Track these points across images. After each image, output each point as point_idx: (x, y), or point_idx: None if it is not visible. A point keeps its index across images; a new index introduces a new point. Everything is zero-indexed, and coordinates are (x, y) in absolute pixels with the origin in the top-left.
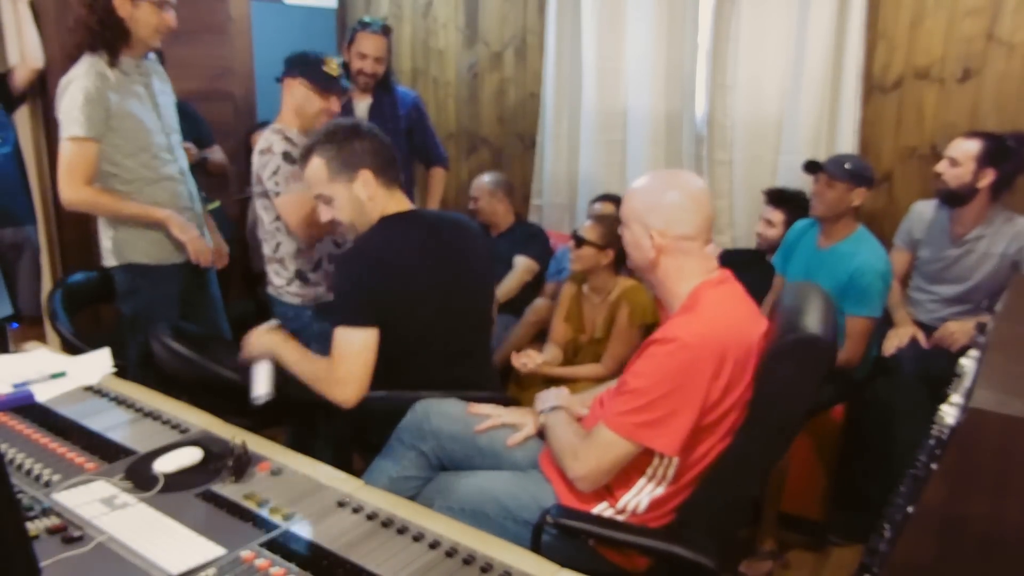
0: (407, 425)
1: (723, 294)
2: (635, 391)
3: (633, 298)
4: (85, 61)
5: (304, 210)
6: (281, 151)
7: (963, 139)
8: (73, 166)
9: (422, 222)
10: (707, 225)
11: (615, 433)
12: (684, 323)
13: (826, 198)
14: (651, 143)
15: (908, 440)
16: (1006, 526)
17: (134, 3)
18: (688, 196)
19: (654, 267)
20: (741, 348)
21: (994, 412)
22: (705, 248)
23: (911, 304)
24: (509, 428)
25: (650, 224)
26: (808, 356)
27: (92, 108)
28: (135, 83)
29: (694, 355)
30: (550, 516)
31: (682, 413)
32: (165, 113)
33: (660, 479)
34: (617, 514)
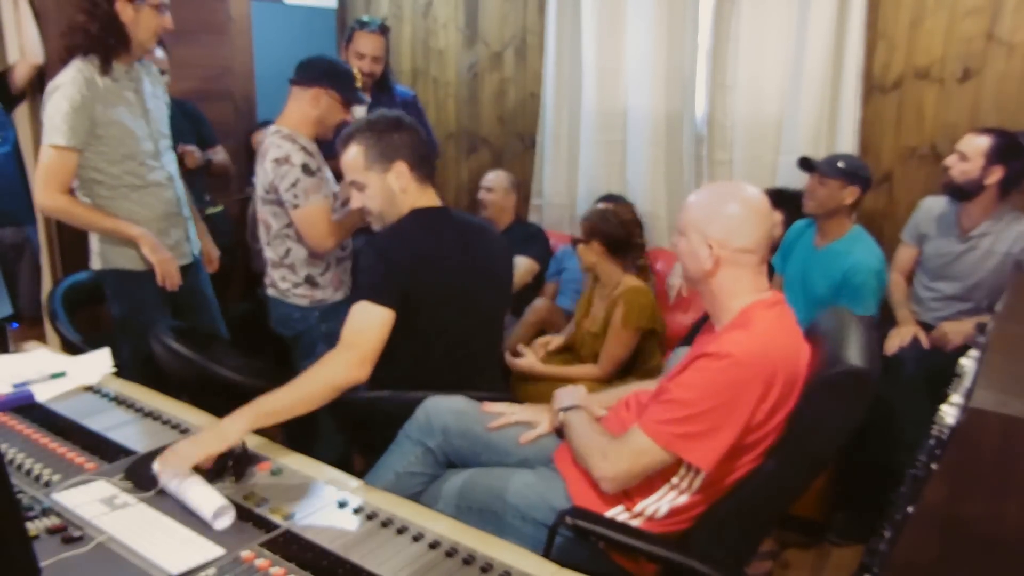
0: (415, 422)
1: (775, 315)
2: (679, 401)
3: (631, 299)
4: (73, 67)
5: (324, 222)
6: (300, 163)
7: (974, 134)
8: (51, 174)
9: (452, 220)
10: (768, 239)
11: (652, 440)
12: (737, 340)
13: (817, 195)
14: (651, 143)
15: (908, 440)
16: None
17: (136, 8)
18: (750, 209)
19: (709, 279)
20: (790, 371)
21: (994, 412)
22: (762, 265)
23: (914, 302)
24: (519, 426)
25: (709, 234)
26: (853, 390)
27: (76, 117)
28: (125, 89)
29: (745, 374)
30: (569, 518)
31: (724, 430)
32: (155, 118)
33: (684, 489)
34: (632, 518)
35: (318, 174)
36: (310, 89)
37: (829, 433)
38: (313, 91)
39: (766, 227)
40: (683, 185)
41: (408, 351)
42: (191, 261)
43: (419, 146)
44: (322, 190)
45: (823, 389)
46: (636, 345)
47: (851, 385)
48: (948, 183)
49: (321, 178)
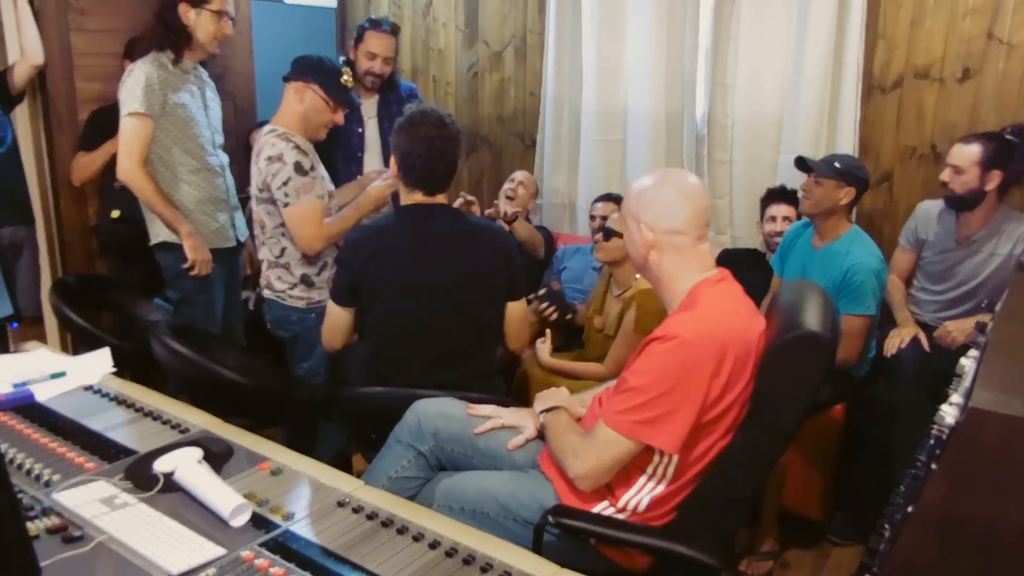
0: (405, 426)
1: (722, 292)
2: (635, 389)
3: (644, 303)
4: (151, 55)
5: (314, 223)
6: (293, 161)
7: (961, 144)
8: (131, 143)
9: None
10: (698, 220)
11: (615, 431)
12: (684, 320)
13: (814, 195)
14: (651, 143)
15: (908, 440)
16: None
17: (197, 11)
18: (677, 191)
19: (647, 263)
20: (741, 345)
21: (994, 412)
22: (699, 245)
23: (913, 303)
24: (509, 429)
25: (641, 218)
26: (809, 353)
27: (151, 90)
28: (191, 82)
29: (694, 352)
30: (551, 516)
31: (682, 410)
32: (212, 115)
33: (660, 477)
34: (618, 513)
35: (311, 173)
36: (295, 84)
37: (790, 399)
38: (297, 85)
39: (694, 207)
40: None
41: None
42: (234, 245)
43: (417, 165)
44: (315, 190)
45: (778, 355)
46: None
47: (805, 348)
48: (951, 196)
49: (314, 178)
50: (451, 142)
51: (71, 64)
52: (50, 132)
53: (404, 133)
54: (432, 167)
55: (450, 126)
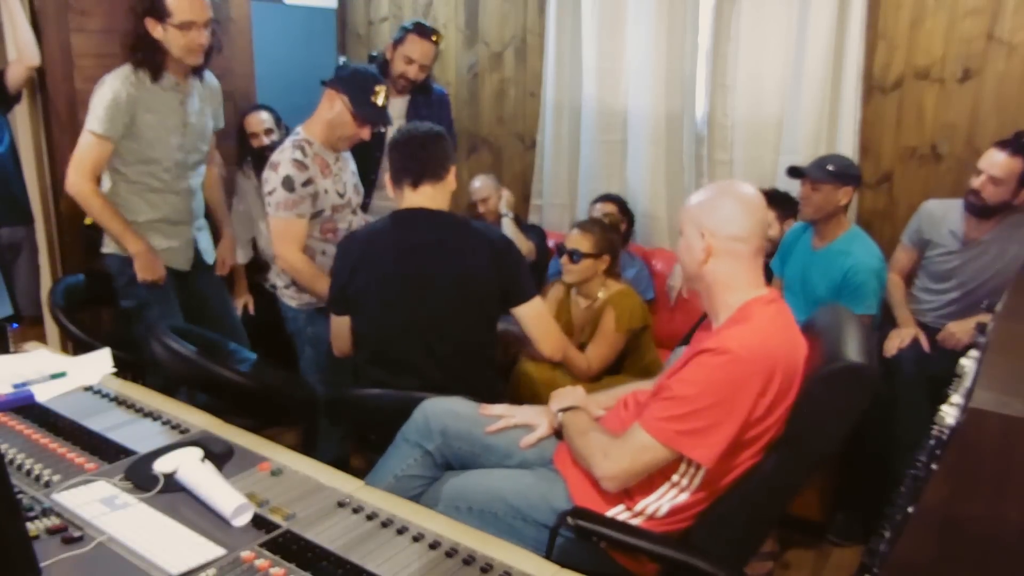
0: (413, 424)
1: (774, 312)
2: (679, 398)
3: (620, 303)
4: (127, 67)
5: (286, 239)
6: (284, 175)
7: (1005, 156)
8: (83, 159)
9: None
10: (759, 231)
11: (653, 437)
12: (736, 335)
13: (813, 201)
14: (651, 143)
15: (908, 440)
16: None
17: (163, 27)
18: (740, 200)
19: (703, 270)
20: (789, 367)
21: (994, 412)
22: (756, 258)
23: (914, 303)
24: (520, 428)
25: (702, 224)
26: (853, 386)
27: (117, 110)
28: (170, 99)
29: (745, 369)
30: (570, 518)
31: (725, 425)
32: (192, 132)
33: (685, 487)
34: (633, 517)
35: (299, 191)
36: (328, 91)
37: (828, 429)
38: (330, 92)
39: (757, 217)
40: (683, 185)
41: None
42: (188, 270)
43: (395, 160)
44: (297, 208)
45: (822, 385)
46: (627, 344)
47: (850, 380)
48: (980, 205)
49: (302, 197)
50: (433, 137)
51: (71, 64)
52: (50, 132)
53: (391, 143)
54: (412, 151)
55: (434, 128)
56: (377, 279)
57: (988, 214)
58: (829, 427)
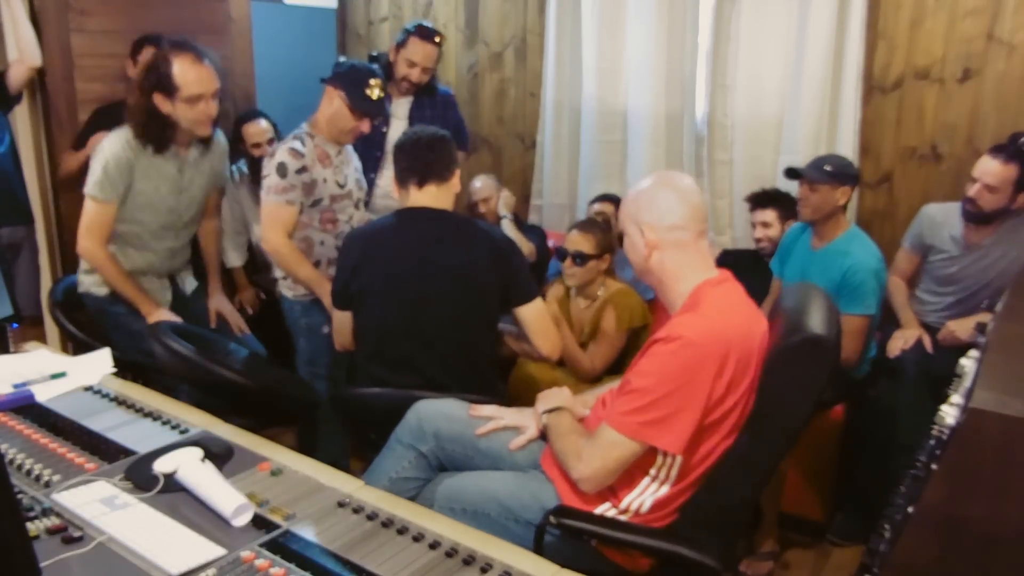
0: (406, 426)
1: (724, 293)
2: (639, 390)
3: (620, 301)
4: (128, 132)
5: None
6: (279, 161)
7: (999, 163)
8: (90, 225)
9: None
10: (697, 216)
11: (619, 433)
12: (687, 321)
13: (811, 202)
14: (651, 143)
15: (908, 440)
16: (1006, 526)
17: (172, 103)
18: (674, 190)
19: (650, 264)
20: (744, 346)
21: (994, 412)
22: (700, 241)
23: (918, 304)
24: (510, 429)
25: (641, 220)
26: (814, 356)
27: (117, 175)
28: (169, 168)
29: (698, 353)
30: (553, 516)
31: (686, 411)
32: (187, 197)
33: (664, 479)
34: (620, 514)
35: (291, 178)
36: (328, 87)
37: (794, 401)
38: (328, 88)
39: (693, 204)
40: None
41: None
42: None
43: (400, 160)
44: (287, 194)
45: (783, 358)
46: (627, 343)
47: (809, 351)
48: (977, 213)
49: (292, 184)
50: (440, 139)
51: (71, 64)
52: (50, 132)
53: (396, 145)
54: (418, 152)
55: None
56: (380, 276)
57: (986, 220)
58: (794, 400)
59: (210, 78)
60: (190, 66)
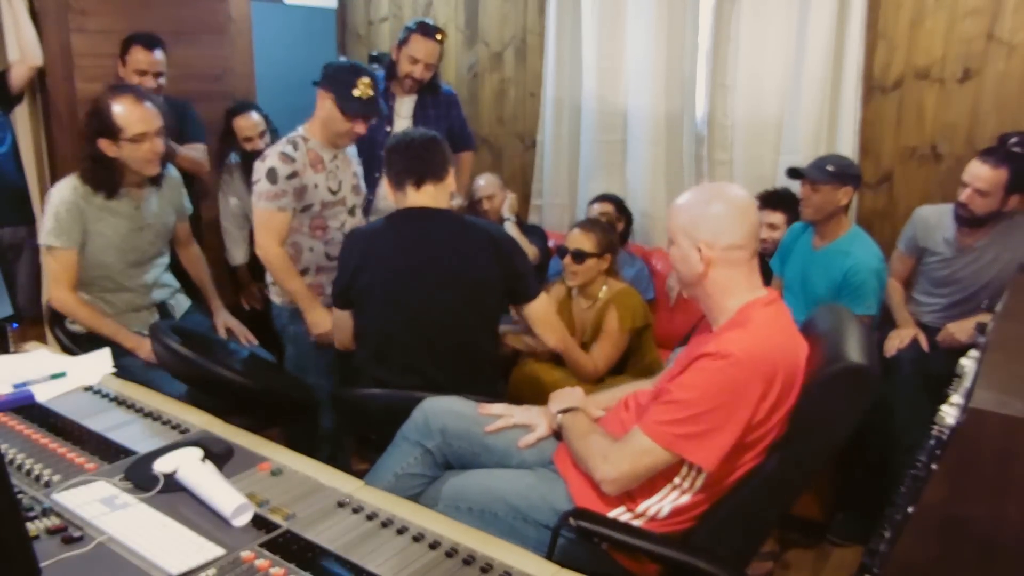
0: (412, 423)
1: (773, 314)
2: (680, 402)
3: (623, 302)
4: (75, 179)
5: (264, 230)
6: (269, 167)
7: (989, 168)
8: (55, 274)
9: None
10: (754, 233)
11: (653, 441)
12: (736, 339)
13: (813, 202)
14: (651, 143)
15: (908, 440)
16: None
17: (117, 145)
18: (733, 206)
19: (703, 280)
20: (790, 369)
21: (994, 412)
22: (752, 260)
23: (914, 305)
24: (519, 428)
25: (697, 237)
26: (854, 386)
27: (68, 221)
28: (124, 207)
29: (746, 373)
30: (572, 519)
31: (726, 429)
32: (150, 232)
33: (686, 489)
34: (635, 519)
35: (281, 184)
36: (319, 91)
37: (830, 429)
38: (320, 92)
39: (751, 222)
40: (683, 185)
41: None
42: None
43: (396, 162)
44: (278, 200)
45: (824, 386)
46: (629, 343)
47: (852, 381)
48: (969, 217)
49: (284, 190)
50: (433, 139)
51: (71, 64)
52: (50, 132)
53: (388, 147)
54: (414, 153)
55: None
56: (380, 276)
57: (979, 223)
58: (831, 428)
59: (152, 116)
60: (131, 106)
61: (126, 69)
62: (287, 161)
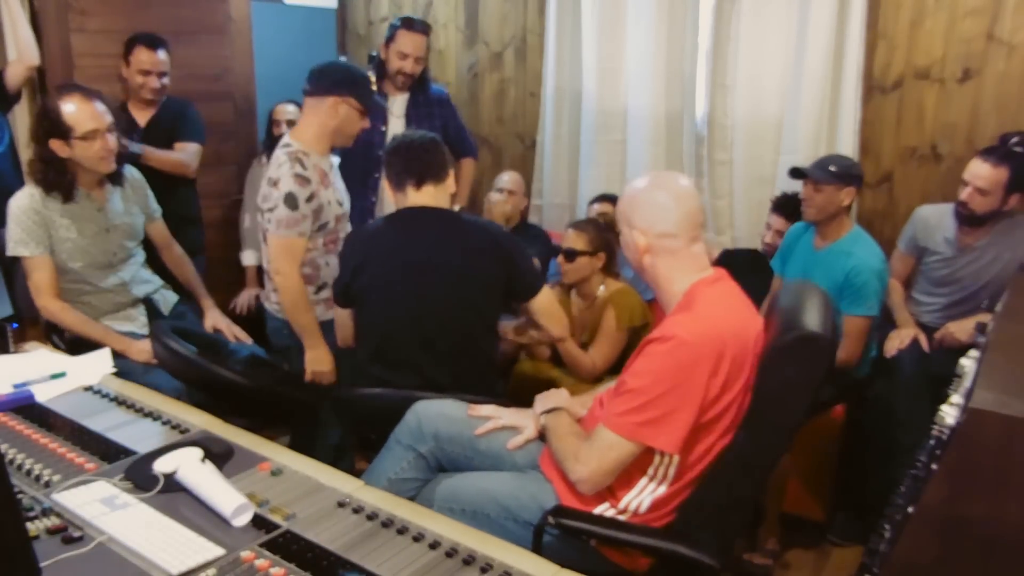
0: (405, 427)
1: (719, 292)
2: (634, 390)
3: (620, 301)
4: (31, 187)
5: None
6: (285, 192)
7: (989, 167)
8: (35, 284)
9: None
10: (690, 222)
11: (616, 434)
12: (681, 321)
13: (815, 202)
14: (651, 143)
15: (908, 440)
16: (1006, 526)
17: (69, 145)
18: (669, 194)
19: (643, 267)
20: (738, 344)
21: (994, 412)
22: (692, 247)
23: (915, 305)
24: (509, 430)
25: (634, 223)
26: (809, 354)
27: (33, 227)
28: (86, 210)
29: (692, 352)
30: (551, 517)
31: (682, 410)
32: (118, 233)
33: (662, 479)
34: (619, 514)
35: (302, 208)
36: (327, 99)
37: (791, 398)
38: (331, 101)
39: (686, 209)
40: None
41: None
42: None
43: (395, 163)
44: (299, 226)
45: (778, 355)
46: (628, 342)
47: (804, 348)
48: (970, 216)
49: (304, 215)
50: (432, 141)
51: (71, 64)
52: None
53: (388, 150)
54: (414, 154)
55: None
56: (381, 276)
57: (979, 222)
58: (790, 397)
59: (101, 114)
60: (79, 105)
61: (130, 69)
62: (304, 183)
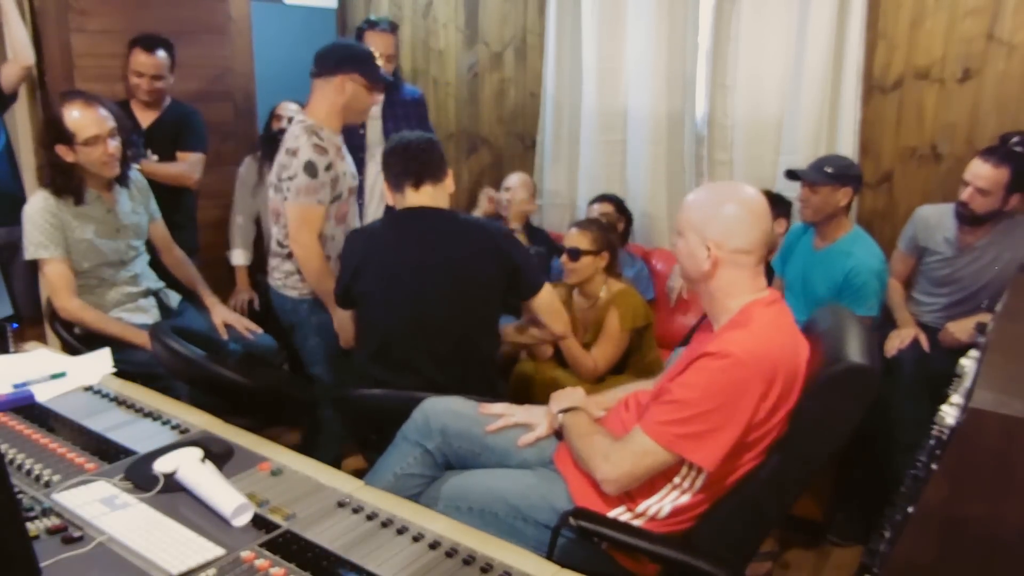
0: (412, 423)
1: (774, 313)
2: (680, 402)
3: (624, 301)
4: (44, 193)
5: (304, 226)
6: (305, 160)
7: (990, 167)
8: (53, 285)
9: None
10: (764, 240)
11: (654, 441)
12: (737, 339)
13: (812, 203)
14: (651, 143)
15: (908, 440)
16: (1006, 526)
17: (73, 150)
18: (747, 209)
19: (708, 279)
20: (790, 369)
21: (994, 412)
22: (759, 265)
23: (915, 305)
24: (519, 427)
25: (707, 235)
26: (856, 387)
27: (50, 229)
28: (97, 211)
29: (746, 373)
30: (572, 518)
31: (726, 429)
32: (127, 232)
33: (687, 488)
34: (635, 518)
35: (321, 176)
36: (334, 78)
37: (831, 430)
38: (337, 79)
39: (763, 227)
40: (683, 185)
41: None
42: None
43: (393, 164)
44: (318, 194)
45: (826, 386)
46: (630, 343)
47: (853, 382)
48: (970, 216)
49: (323, 183)
50: (430, 141)
51: (71, 64)
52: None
53: (386, 151)
54: (411, 155)
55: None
56: (380, 276)
57: (979, 222)
58: (831, 428)
59: (103, 119)
60: (82, 111)
61: (128, 70)
62: (322, 152)
